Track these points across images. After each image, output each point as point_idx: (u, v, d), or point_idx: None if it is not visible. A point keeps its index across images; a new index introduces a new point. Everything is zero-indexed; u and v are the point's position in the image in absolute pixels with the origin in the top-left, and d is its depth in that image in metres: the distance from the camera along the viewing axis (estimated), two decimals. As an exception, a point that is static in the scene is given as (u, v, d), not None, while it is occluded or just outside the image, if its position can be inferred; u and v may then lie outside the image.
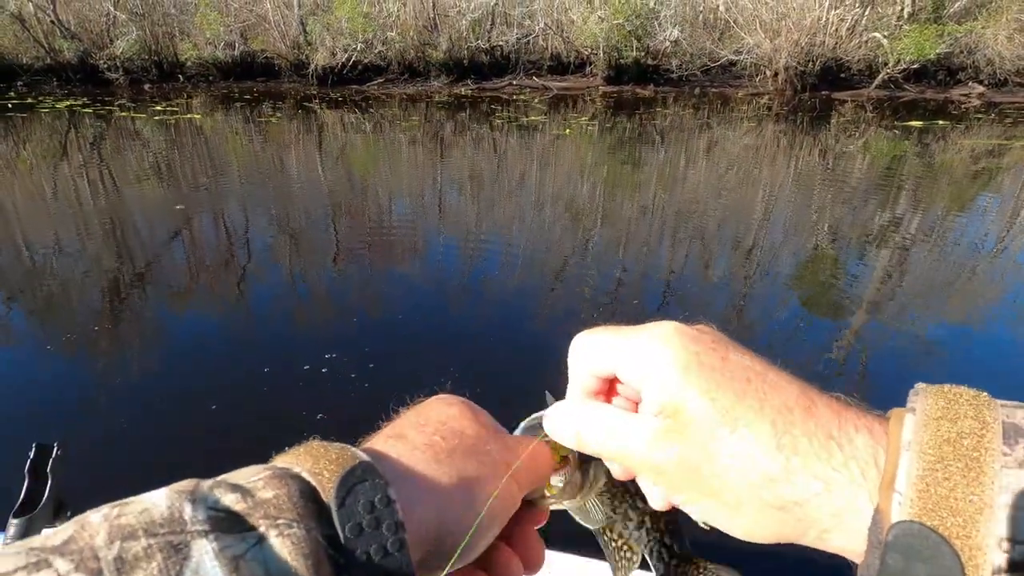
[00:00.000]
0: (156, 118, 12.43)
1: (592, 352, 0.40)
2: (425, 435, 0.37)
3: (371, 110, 14.25)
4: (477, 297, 4.55)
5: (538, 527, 0.45)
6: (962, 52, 15.93)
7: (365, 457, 0.32)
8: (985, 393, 0.30)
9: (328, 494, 0.29)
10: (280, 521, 0.27)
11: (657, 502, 0.39)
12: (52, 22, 15.41)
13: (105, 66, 15.51)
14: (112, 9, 15.92)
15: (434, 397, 0.42)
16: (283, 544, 0.27)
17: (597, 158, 9.65)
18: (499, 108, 14.63)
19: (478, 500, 0.36)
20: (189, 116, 12.84)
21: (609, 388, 0.42)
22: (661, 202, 7.24)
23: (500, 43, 17.77)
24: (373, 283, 4.83)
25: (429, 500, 0.33)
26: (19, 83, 15.05)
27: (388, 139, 11.36)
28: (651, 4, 16.65)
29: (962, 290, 4.82)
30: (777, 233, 6.13)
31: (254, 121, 12.66)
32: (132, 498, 0.27)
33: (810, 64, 15.79)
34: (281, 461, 0.32)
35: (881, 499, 0.29)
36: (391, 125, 12.67)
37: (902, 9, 16.06)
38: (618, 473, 0.41)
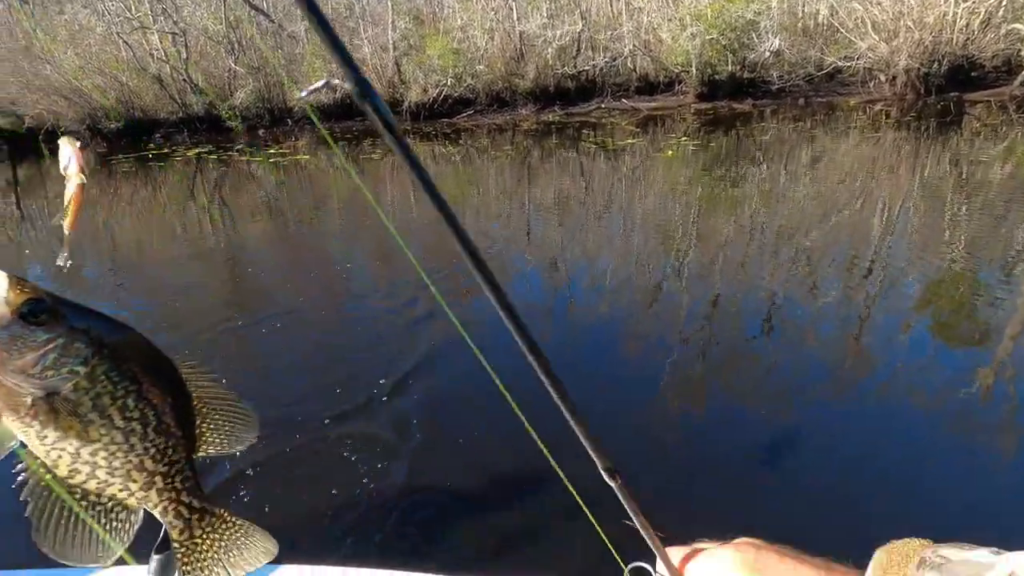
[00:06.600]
0: (271, 160, 13.48)
1: None
2: None
3: (461, 141, 14.64)
4: (562, 325, 4.37)
5: None
6: (1125, 37, 13.81)
7: None
8: (927, 542, 0.46)
9: None
10: None
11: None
12: (184, 80, 17.33)
13: (226, 115, 17.17)
14: (233, 65, 17.66)
15: None
16: None
17: (692, 177, 9.21)
18: (588, 132, 14.51)
19: None
20: (297, 157, 13.82)
21: None
22: (761, 221, 6.73)
23: (586, 68, 17.75)
24: (457, 310, 4.78)
25: None
26: (157, 135, 17.00)
27: (477, 168, 11.56)
28: (748, 16, 15.95)
29: None
30: (900, 251, 5.46)
31: (355, 159, 13.39)
32: None
33: (935, 65, 14.32)
34: None
35: None
36: (480, 154, 12.91)
37: (1045, -5, 14.24)
38: None
